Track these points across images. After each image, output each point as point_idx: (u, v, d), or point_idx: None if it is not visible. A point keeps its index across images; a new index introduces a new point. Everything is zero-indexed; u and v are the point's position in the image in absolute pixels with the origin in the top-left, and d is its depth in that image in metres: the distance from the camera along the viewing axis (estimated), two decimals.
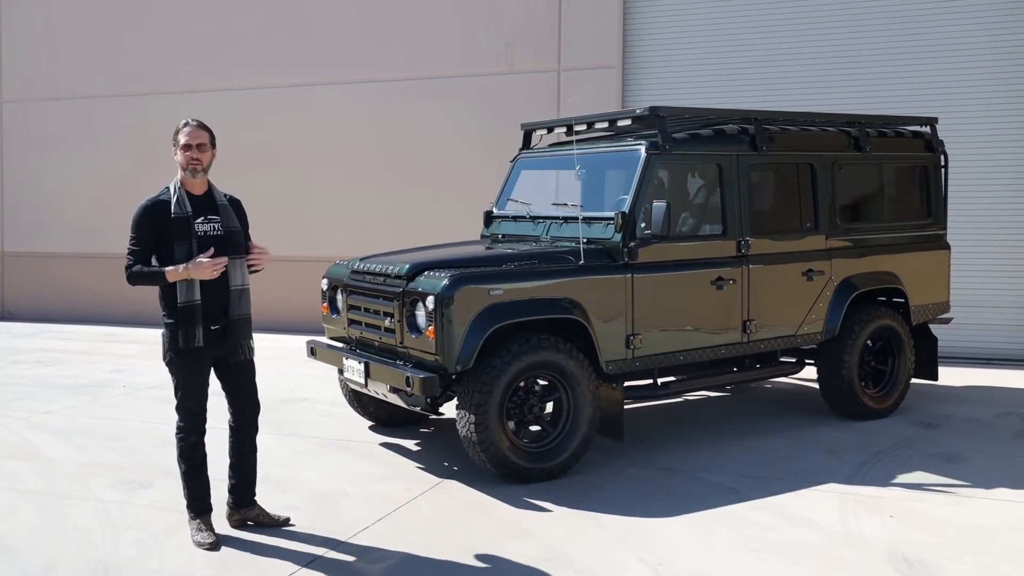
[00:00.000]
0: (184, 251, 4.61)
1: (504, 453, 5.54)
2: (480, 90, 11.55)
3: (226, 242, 4.75)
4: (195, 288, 4.62)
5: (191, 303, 4.63)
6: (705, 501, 5.30)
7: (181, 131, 4.67)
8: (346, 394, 6.93)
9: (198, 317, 4.64)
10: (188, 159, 4.65)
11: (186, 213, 4.66)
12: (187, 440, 4.82)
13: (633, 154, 6.25)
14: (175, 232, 4.62)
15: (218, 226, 4.75)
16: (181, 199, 4.67)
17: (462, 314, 5.47)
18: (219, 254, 4.69)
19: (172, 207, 4.64)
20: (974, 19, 9.83)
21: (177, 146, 4.67)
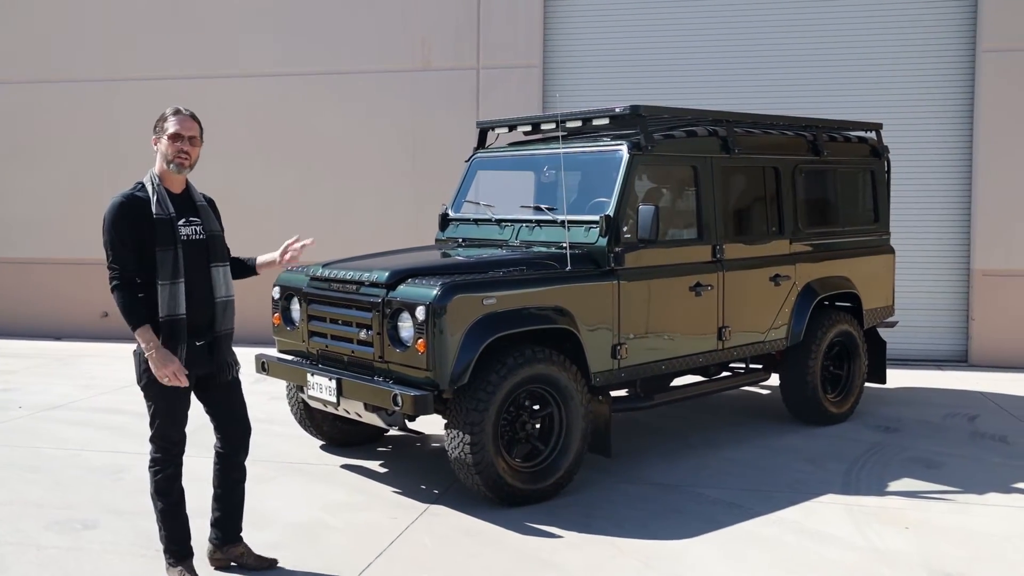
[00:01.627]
0: (169, 258, 4.00)
1: (500, 475, 5.14)
2: (393, 88, 11.04)
3: (209, 247, 4.18)
4: (180, 298, 4.02)
5: (175, 317, 4.03)
6: (716, 519, 5.06)
7: (170, 119, 4.09)
8: (297, 412, 6.36)
9: (183, 333, 4.05)
10: (176, 151, 4.06)
11: (169, 214, 4.05)
12: (164, 473, 4.19)
13: (614, 155, 5.96)
14: (158, 235, 4.00)
15: (199, 229, 4.18)
16: (162, 198, 4.07)
17: (455, 325, 5.04)
18: (202, 260, 4.14)
19: (153, 206, 4.02)
20: (896, 25, 10.07)
21: (163, 135, 4.08)
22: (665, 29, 10.52)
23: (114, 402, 7.95)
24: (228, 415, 4.34)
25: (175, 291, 3.99)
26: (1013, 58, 9.71)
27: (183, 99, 11.49)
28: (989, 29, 9.73)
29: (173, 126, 4.06)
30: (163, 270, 3.97)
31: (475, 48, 10.86)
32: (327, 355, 5.77)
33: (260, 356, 6.18)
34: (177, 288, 4.00)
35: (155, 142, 4.10)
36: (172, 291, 3.98)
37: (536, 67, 10.72)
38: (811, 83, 10.13)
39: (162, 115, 4.12)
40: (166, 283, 3.98)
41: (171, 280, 3.98)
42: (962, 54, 10.03)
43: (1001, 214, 9.78)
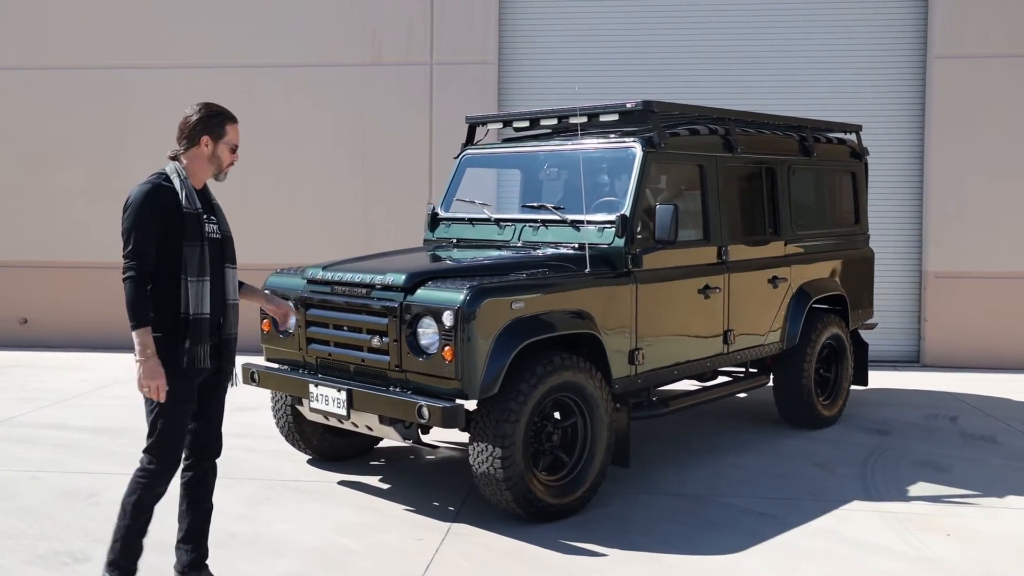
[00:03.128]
0: (197, 254, 3.72)
1: (531, 490, 4.83)
2: (342, 82, 10.58)
3: (224, 248, 3.93)
4: (206, 296, 3.75)
5: (201, 316, 3.74)
6: (754, 531, 4.87)
7: (231, 125, 3.91)
8: (284, 425, 5.91)
9: (207, 332, 3.76)
10: (230, 162, 3.93)
11: (196, 209, 3.77)
12: (153, 489, 3.78)
13: (627, 152, 5.72)
14: (187, 230, 3.72)
15: (217, 229, 3.92)
16: (190, 193, 3.79)
17: (485, 331, 4.71)
18: (218, 260, 3.88)
19: (183, 199, 3.74)
20: (848, 31, 10.16)
21: (217, 140, 3.86)
22: (623, 26, 10.37)
23: (59, 417, 7.30)
24: (207, 427, 3.97)
25: (201, 288, 3.74)
26: (963, 65, 9.90)
27: (115, 89, 10.84)
28: (940, 36, 9.90)
29: (237, 136, 3.93)
30: (191, 266, 3.72)
31: (428, 43, 10.50)
32: (329, 364, 5.35)
33: (249, 366, 5.71)
34: (203, 285, 3.75)
35: (205, 143, 3.84)
36: (199, 288, 3.73)
37: (492, 63, 10.43)
38: (762, 87, 10.11)
39: (219, 116, 3.88)
40: (194, 279, 3.72)
41: (198, 277, 3.73)
42: (913, 61, 10.19)
43: (952, 216, 9.96)
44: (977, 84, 9.88)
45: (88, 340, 10.53)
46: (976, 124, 9.88)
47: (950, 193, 9.96)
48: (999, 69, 9.86)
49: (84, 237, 10.64)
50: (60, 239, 10.76)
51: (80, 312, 10.57)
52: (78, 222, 10.69)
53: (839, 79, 10.15)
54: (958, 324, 9.99)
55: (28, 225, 10.86)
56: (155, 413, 3.74)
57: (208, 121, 3.84)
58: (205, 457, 3.98)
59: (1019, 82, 9.84)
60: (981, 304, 9.94)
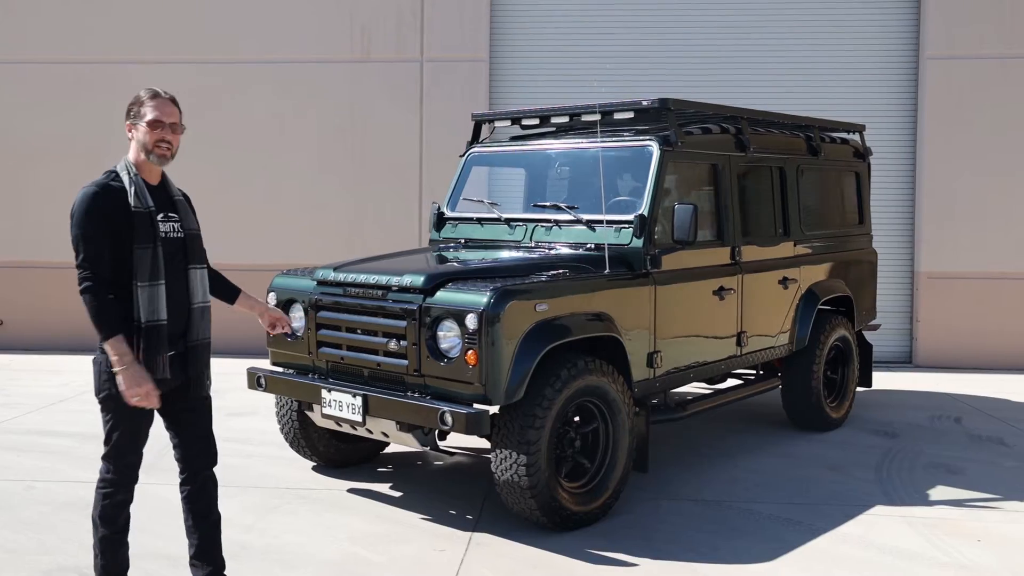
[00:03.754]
0: (148, 257, 3.48)
1: (556, 498, 4.69)
2: (331, 78, 10.36)
3: (187, 247, 3.67)
4: (160, 302, 3.51)
5: (156, 323, 3.50)
6: (783, 538, 4.76)
7: (147, 103, 3.57)
8: (290, 431, 5.72)
9: (164, 340, 3.52)
10: (157, 141, 3.55)
11: (147, 207, 3.52)
12: (114, 498, 3.64)
13: (644, 150, 5.59)
14: (137, 231, 3.48)
15: (178, 227, 3.66)
16: (140, 189, 3.54)
17: (510, 334, 4.56)
18: (179, 261, 3.64)
19: (130, 198, 3.50)
20: (841, 31, 10.13)
21: (140, 120, 3.56)
22: (615, 24, 10.25)
23: (46, 423, 7.05)
24: (193, 437, 3.75)
25: (155, 294, 3.49)
26: (955, 65, 9.90)
27: (98, 84, 10.53)
28: (932, 37, 9.89)
29: (152, 112, 3.54)
30: (141, 270, 3.46)
31: (419, 39, 10.31)
32: (341, 369, 5.17)
33: (254, 370, 5.51)
34: (157, 291, 3.50)
35: (130, 129, 3.60)
36: (152, 294, 3.48)
37: (483, 60, 10.27)
38: (754, 87, 10.03)
39: (137, 98, 3.60)
40: (145, 285, 3.47)
41: (150, 282, 3.48)
42: (906, 61, 10.18)
43: (945, 217, 9.95)
44: (969, 85, 9.88)
45: (67, 342, 10.23)
46: (968, 125, 9.88)
47: (942, 194, 9.95)
48: (991, 70, 9.87)
49: (63, 236, 10.28)
50: (38, 238, 10.44)
51: (59, 313, 10.26)
52: (57, 221, 10.35)
53: (832, 79, 10.12)
54: (950, 325, 9.99)
55: (5, 224, 10.54)
56: (110, 422, 3.58)
57: (128, 110, 3.60)
58: (199, 468, 3.78)
59: (1011, 83, 9.86)
60: (972, 305, 9.95)
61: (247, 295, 4.14)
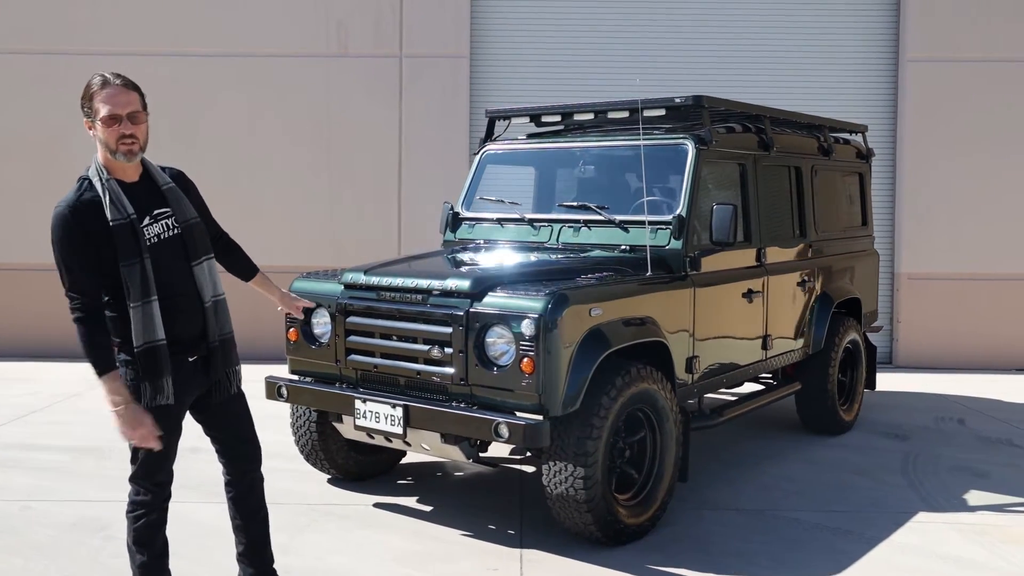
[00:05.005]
0: (136, 274, 3.17)
1: (612, 512, 4.49)
2: (307, 74, 9.99)
3: (186, 242, 3.35)
4: (155, 320, 3.19)
5: (153, 344, 3.20)
6: (839, 548, 4.64)
7: (98, 95, 3.18)
8: (308, 443, 5.41)
9: (165, 361, 3.23)
10: (118, 137, 3.17)
11: (127, 216, 3.18)
12: (147, 519, 3.38)
13: (679, 150, 5.43)
14: (119, 247, 3.16)
15: (171, 222, 3.33)
16: (115, 196, 3.19)
17: (568, 341, 4.34)
18: (180, 261, 3.33)
19: (107, 209, 3.16)
20: (821, 34, 10.13)
21: (95, 118, 3.19)
22: (597, 20, 10.09)
23: (26, 435, 6.59)
24: (234, 436, 3.55)
25: (149, 312, 3.19)
26: (935, 68, 9.97)
27: (62, 76, 9.96)
28: (912, 39, 9.95)
29: (105, 105, 3.15)
30: (132, 289, 3.17)
31: (397, 35, 10.00)
32: (373, 378, 4.89)
33: (273, 380, 5.19)
34: (150, 308, 3.20)
35: (89, 127, 3.23)
36: (145, 313, 3.18)
37: (464, 57, 10.01)
38: (735, 88, 9.90)
39: (86, 90, 3.21)
40: (137, 305, 3.19)
41: (142, 300, 3.19)
42: (886, 63, 10.23)
43: (924, 218, 10.02)
44: (949, 87, 9.96)
45: (29, 348, 9.66)
46: (947, 127, 9.97)
47: (922, 195, 10.02)
48: (970, 73, 9.96)
49: (22, 237, 9.77)
50: None
51: (20, 318, 9.71)
52: (16, 220, 9.82)
53: (811, 81, 10.10)
54: (929, 325, 10.06)
55: None
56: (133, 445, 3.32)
57: (81, 104, 3.23)
58: (246, 469, 3.57)
59: (989, 86, 9.96)
60: (951, 305, 10.03)
61: (265, 277, 3.91)
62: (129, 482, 3.39)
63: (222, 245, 3.75)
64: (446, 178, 9.89)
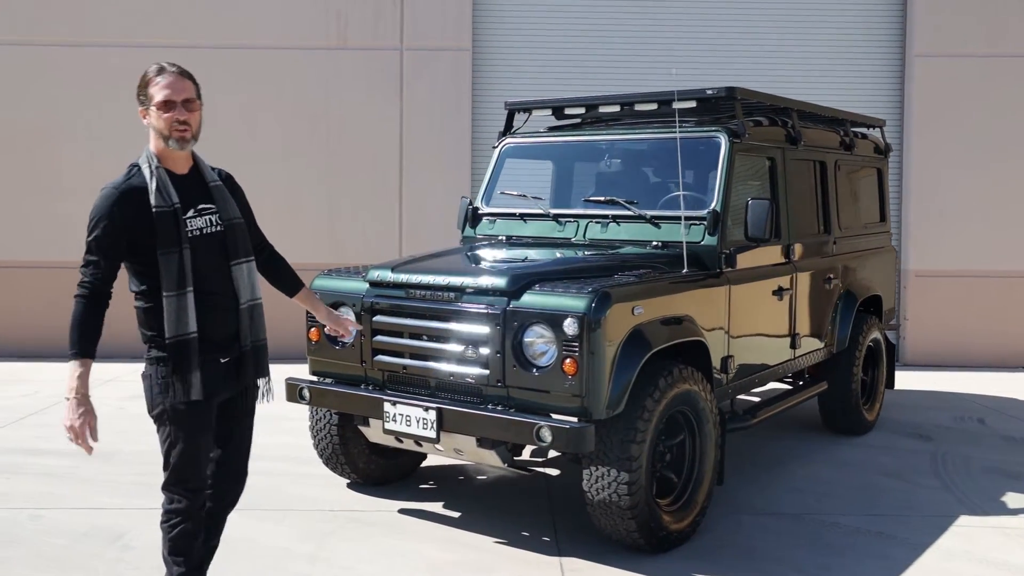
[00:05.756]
0: (174, 263, 3.10)
1: (656, 517, 4.32)
2: (304, 67, 9.76)
3: (227, 241, 3.27)
4: (188, 313, 3.12)
5: (184, 337, 3.12)
6: (886, 554, 4.50)
7: (154, 81, 3.16)
8: (328, 446, 5.20)
9: (194, 355, 3.14)
10: (171, 123, 3.14)
11: (171, 205, 3.11)
12: (183, 527, 3.23)
13: (711, 143, 5.26)
14: (160, 235, 3.09)
15: (215, 219, 3.26)
16: (163, 184, 3.14)
17: (611, 341, 4.17)
18: (219, 258, 3.25)
19: (152, 197, 3.10)
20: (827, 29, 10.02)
21: (150, 103, 3.16)
22: (602, 12, 9.92)
23: (25, 439, 6.35)
24: (234, 457, 3.43)
25: (182, 303, 3.10)
26: (942, 64, 9.88)
27: (53, 68, 9.67)
28: (919, 34, 9.85)
29: (161, 91, 3.14)
30: (167, 279, 3.09)
31: (398, 27, 9.79)
32: (401, 380, 4.69)
33: (294, 381, 4.98)
34: (184, 300, 3.11)
35: (143, 115, 3.21)
36: (179, 304, 3.10)
37: (466, 50, 9.82)
38: (742, 84, 9.80)
39: (143, 78, 3.20)
40: (171, 295, 3.09)
41: (177, 291, 3.10)
42: (892, 59, 10.12)
43: (932, 215, 9.92)
44: (956, 83, 9.87)
45: (22, 348, 9.37)
46: (954, 123, 9.87)
47: (929, 192, 9.92)
48: (977, 68, 9.87)
49: (13, 233, 9.49)
50: None
51: (12, 317, 9.42)
52: (7, 217, 9.53)
53: (818, 75, 9.96)
54: (936, 323, 9.97)
55: None
56: (167, 444, 3.20)
57: (137, 93, 3.21)
58: (226, 491, 3.43)
59: (996, 82, 9.88)
60: (959, 303, 9.94)
61: (311, 293, 3.78)
62: (162, 491, 3.25)
63: (266, 256, 3.62)
64: (448, 173, 9.72)
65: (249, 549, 4.41)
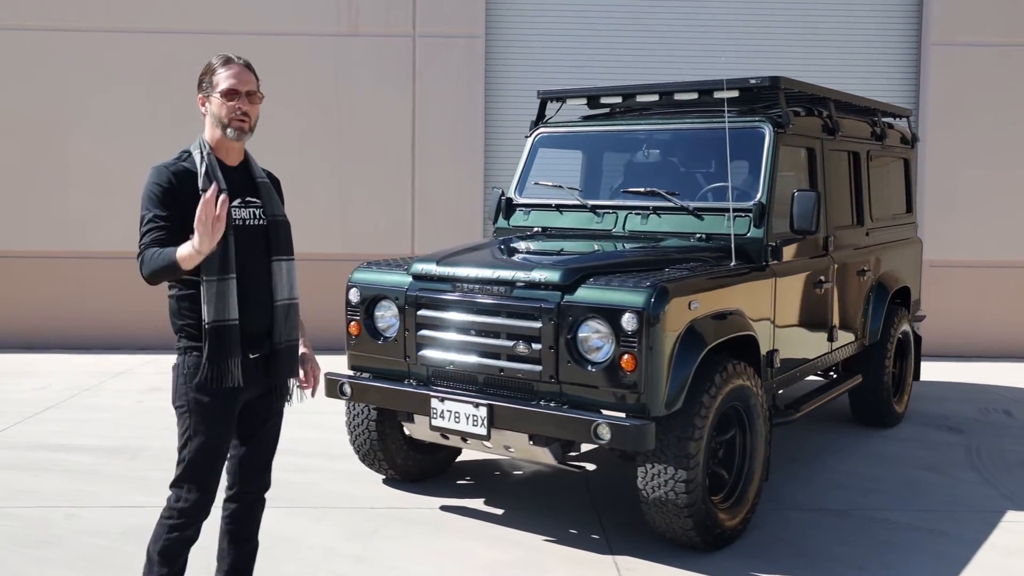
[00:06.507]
0: (217, 248, 2.95)
1: (712, 515, 4.25)
2: (315, 54, 9.59)
3: (270, 236, 3.21)
4: (230, 299, 3.04)
5: (225, 323, 3.03)
6: (943, 552, 4.44)
7: (220, 71, 3.15)
8: (366, 442, 5.10)
9: (236, 343, 3.05)
10: (232, 112, 3.12)
11: (220, 189, 2.99)
12: (183, 532, 3.13)
13: (755, 133, 5.17)
14: None
15: (259, 212, 3.22)
16: (212, 170, 3.10)
17: (670, 336, 4.08)
18: (260, 251, 3.17)
19: (200, 180, 3.06)
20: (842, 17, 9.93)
21: (213, 91, 3.15)
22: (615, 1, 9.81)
23: (45, 435, 6.20)
24: (257, 453, 3.30)
25: (224, 289, 3.03)
26: (958, 52, 9.81)
27: (57, 53, 9.47)
28: (936, 22, 9.78)
29: (226, 80, 3.13)
30: (209, 263, 2.99)
31: (410, 13, 9.63)
32: (446, 375, 4.58)
33: (334, 376, 4.87)
34: (226, 286, 3.04)
35: (202, 102, 3.20)
36: (220, 289, 3.02)
37: (479, 37, 9.68)
38: (755, 72, 9.70)
39: (208, 66, 3.20)
40: (212, 279, 3.02)
41: (218, 276, 3.03)
42: (908, 47, 10.06)
43: (947, 205, 9.88)
44: (971, 73, 9.80)
45: (29, 339, 9.20)
46: (970, 112, 9.81)
47: (945, 181, 9.87)
48: (993, 57, 9.81)
49: (17, 223, 9.31)
50: None
51: (18, 308, 9.25)
52: (10, 206, 9.34)
53: (832, 64, 9.87)
54: (951, 313, 9.92)
55: None
56: (185, 437, 3.09)
57: (199, 80, 3.19)
58: (252, 488, 3.31)
59: (1012, 72, 9.83)
60: (974, 293, 9.91)
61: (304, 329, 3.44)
62: (170, 487, 3.13)
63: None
64: (461, 162, 9.60)
65: (294, 550, 4.31)
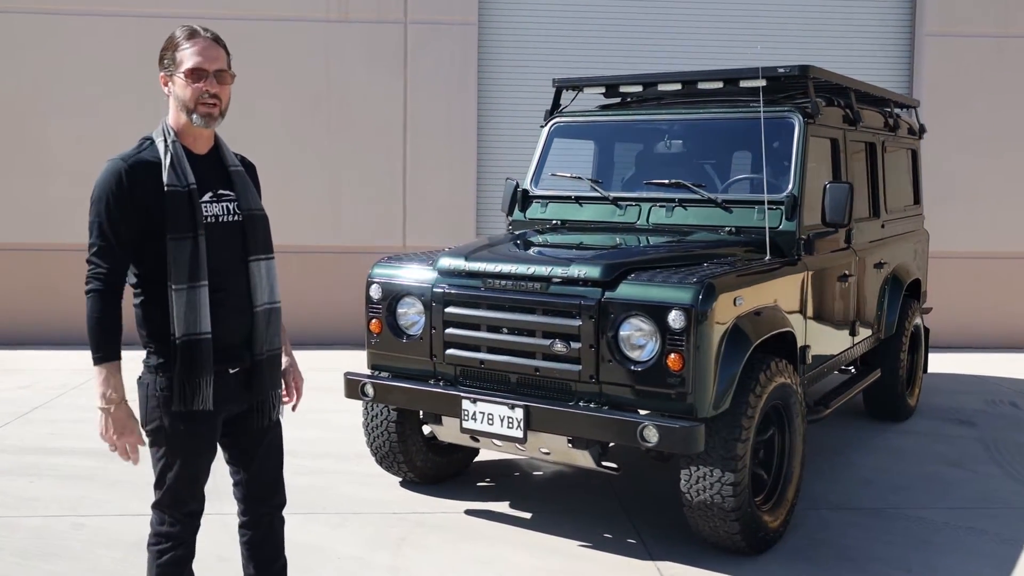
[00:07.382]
0: (186, 252, 2.67)
1: (757, 518, 4.12)
2: (304, 40, 9.32)
3: (246, 233, 2.85)
4: (202, 309, 2.69)
5: (197, 336, 2.69)
6: (987, 552, 4.35)
7: (184, 45, 2.75)
8: (385, 444, 4.90)
9: (208, 359, 2.72)
10: (199, 95, 2.74)
11: (187, 185, 2.71)
12: (174, 554, 2.85)
13: (784, 123, 5.03)
14: (170, 217, 2.67)
15: (233, 206, 2.85)
16: (178, 161, 2.73)
17: (717, 333, 3.93)
18: (235, 251, 2.82)
19: (165, 174, 2.69)
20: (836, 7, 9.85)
21: (176, 70, 2.75)
22: None
23: (38, 437, 5.93)
24: (261, 475, 2.98)
25: (194, 298, 2.68)
26: (953, 43, 9.77)
27: (33, 36, 9.11)
28: (930, 13, 9.73)
29: (191, 57, 2.72)
30: (177, 269, 2.66)
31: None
32: (477, 375, 4.40)
33: (356, 377, 4.66)
34: (197, 295, 2.69)
35: (164, 81, 2.80)
36: (191, 299, 2.68)
37: (472, 24, 9.46)
38: (748, 62, 9.57)
39: (170, 40, 2.78)
40: (182, 288, 2.68)
41: (188, 283, 2.68)
42: (902, 38, 10.00)
43: (943, 196, 9.83)
44: (966, 63, 9.77)
45: (10, 335, 8.85)
46: (965, 103, 9.78)
47: (940, 172, 9.82)
48: (988, 49, 9.79)
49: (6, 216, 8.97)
50: None
51: (9, 301, 8.90)
52: None
53: (825, 55, 9.73)
54: (948, 304, 9.89)
55: None
56: (162, 460, 2.80)
57: (160, 56, 2.79)
58: (265, 512, 3.02)
59: (1006, 63, 9.81)
60: (971, 284, 9.90)
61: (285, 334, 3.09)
62: (152, 510, 2.87)
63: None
64: (454, 151, 9.39)
65: (322, 560, 4.11)
